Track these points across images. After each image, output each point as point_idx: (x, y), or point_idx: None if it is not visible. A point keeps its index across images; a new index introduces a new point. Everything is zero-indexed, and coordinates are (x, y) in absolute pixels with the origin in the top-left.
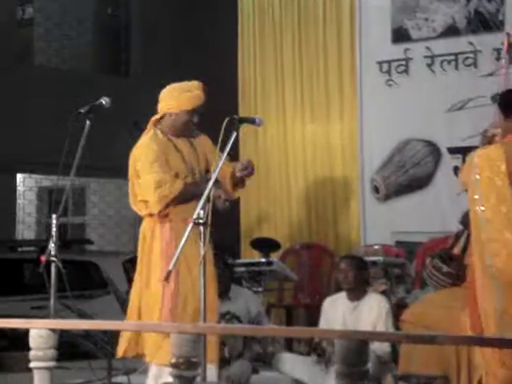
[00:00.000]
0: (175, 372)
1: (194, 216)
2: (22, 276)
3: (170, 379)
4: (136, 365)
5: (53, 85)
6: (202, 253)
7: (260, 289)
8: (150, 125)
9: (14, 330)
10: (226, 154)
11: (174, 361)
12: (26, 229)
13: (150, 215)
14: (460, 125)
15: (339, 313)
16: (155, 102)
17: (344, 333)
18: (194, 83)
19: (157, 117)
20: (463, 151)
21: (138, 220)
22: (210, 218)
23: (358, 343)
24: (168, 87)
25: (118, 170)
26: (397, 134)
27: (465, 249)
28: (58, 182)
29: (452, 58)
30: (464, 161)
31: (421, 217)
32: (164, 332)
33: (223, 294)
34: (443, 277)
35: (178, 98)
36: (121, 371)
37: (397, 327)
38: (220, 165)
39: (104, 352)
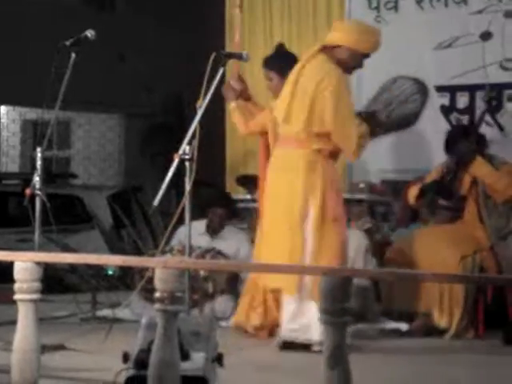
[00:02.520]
0: (159, 306)
1: (180, 151)
2: (6, 209)
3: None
4: (120, 298)
5: (39, 17)
6: (188, 188)
7: (245, 226)
8: (316, 50)
9: None
10: (212, 91)
11: (158, 295)
12: (9, 161)
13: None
14: (448, 63)
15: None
16: (139, 35)
17: (329, 269)
18: (377, 30)
19: (331, 45)
20: (451, 89)
21: (124, 154)
22: (195, 153)
23: (342, 279)
24: (352, 22)
25: (104, 103)
26: (385, 71)
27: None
28: (43, 115)
29: None
30: (451, 99)
31: (407, 155)
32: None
33: (214, 232)
34: (440, 210)
35: (364, 37)
36: (105, 305)
37: (381, 265)
38: (207, 101)
39: (89, 286)
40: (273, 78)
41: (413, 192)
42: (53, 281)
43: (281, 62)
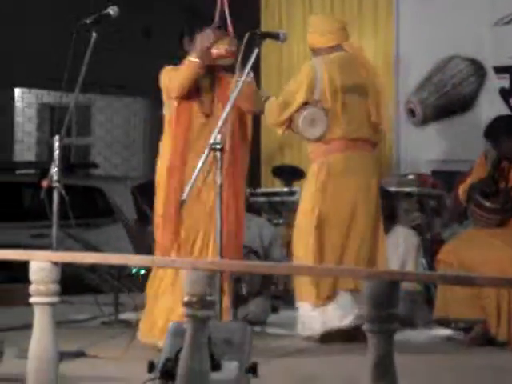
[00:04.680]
0: (188, 311)
1: (211, 141)
2: (21, 201)
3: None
4: (145, 301)
5: None
6: (219, 181)
7: (281, 221)
8: None
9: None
10: (246, 73)
11: (186, 299)
12: (25, 149)
13: None
14: (508, 41)
15: None
16: (166, 9)
17: (373, 272)
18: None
19: None
20: (511, 71)
21: (148, 141)
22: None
23: (388, 284)
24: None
25: (127, 86)
26: (437, 51)
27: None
28: (61, 99)
29: None
30: (511, 81)
31: (461, 143)
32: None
33: None
34: (488, 215)
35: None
36: (129, 307)
37: (432, 266)
38: (240, 84)
39: (111, 286)
40: None
41: (463, 192)
42: (71, 280)
43: None
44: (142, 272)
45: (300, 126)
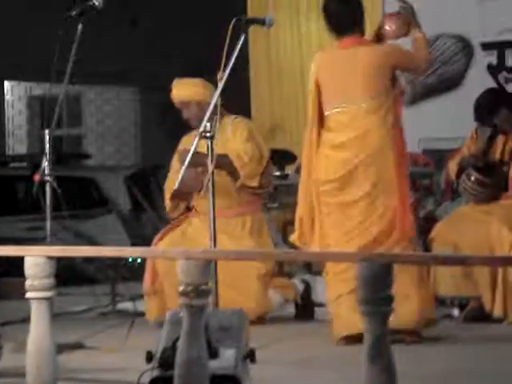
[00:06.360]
0: (184, 300)
1: (201, 129)
2: (15, 194)
3: None
4: (141, 290)
5: None
6: (211, 168)
7: (275, 205)
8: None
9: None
10: (233, 60)
11: (182, 289)
12: (16, 142)
13: None
14: (495, 16)
15: None
16: None
17: (365, 255)
18: None
19: None
20: (499, 46)
21: (140, 131)
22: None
23: (382, 266)
24: None
25: (117, 75)
26: (423, 29)
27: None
28: (51, 90)
29: None
30: (499, 57)
31: (451, 121)
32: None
33: None
34: (478, 187)
35: None
36: (126, 297)
37: (426, 245)
38: (227, 73)
39: (107, 276)
40: None
41: (453, 167)
42: (68, 272)
43: None
44: (139, 261)
45: None
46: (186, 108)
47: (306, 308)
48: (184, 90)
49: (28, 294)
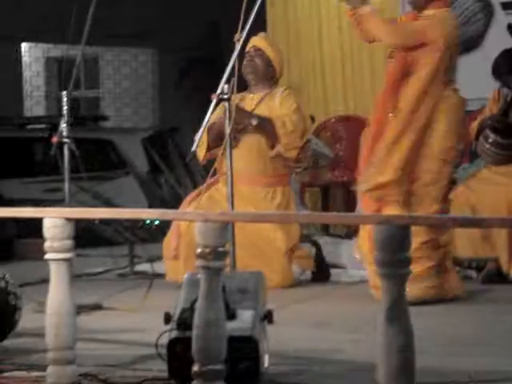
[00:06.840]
0: (202, 262)
1: (218, 91)
2: (33, 156)
3: None
4: (159, 251)
5: None
6: (228, 131)
7: (300, 169)
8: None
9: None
10: (250, 22)
11: (199, 251)
12: (34, 104)
13: None
14: None
15: None
16: None
17: (383, 217)
18: None
19: None
20: None
21: (158, 92)
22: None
23: (400, 228)
24: None
25: (134, 37)
26: None
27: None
28: (68, 52)
29: None
30: None
31: (471, 82)
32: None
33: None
34: (496, 149)
35: None
36: (144, 258)
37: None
38: (245, 34)
39: (125, 238)
40: None
41: (473, 128)
42: (86, 233)
43: None
44: (157, 223)
45: None
46: (256, 57)
47: (321, 270)
48: (264, 40)
49: (47, 256)
